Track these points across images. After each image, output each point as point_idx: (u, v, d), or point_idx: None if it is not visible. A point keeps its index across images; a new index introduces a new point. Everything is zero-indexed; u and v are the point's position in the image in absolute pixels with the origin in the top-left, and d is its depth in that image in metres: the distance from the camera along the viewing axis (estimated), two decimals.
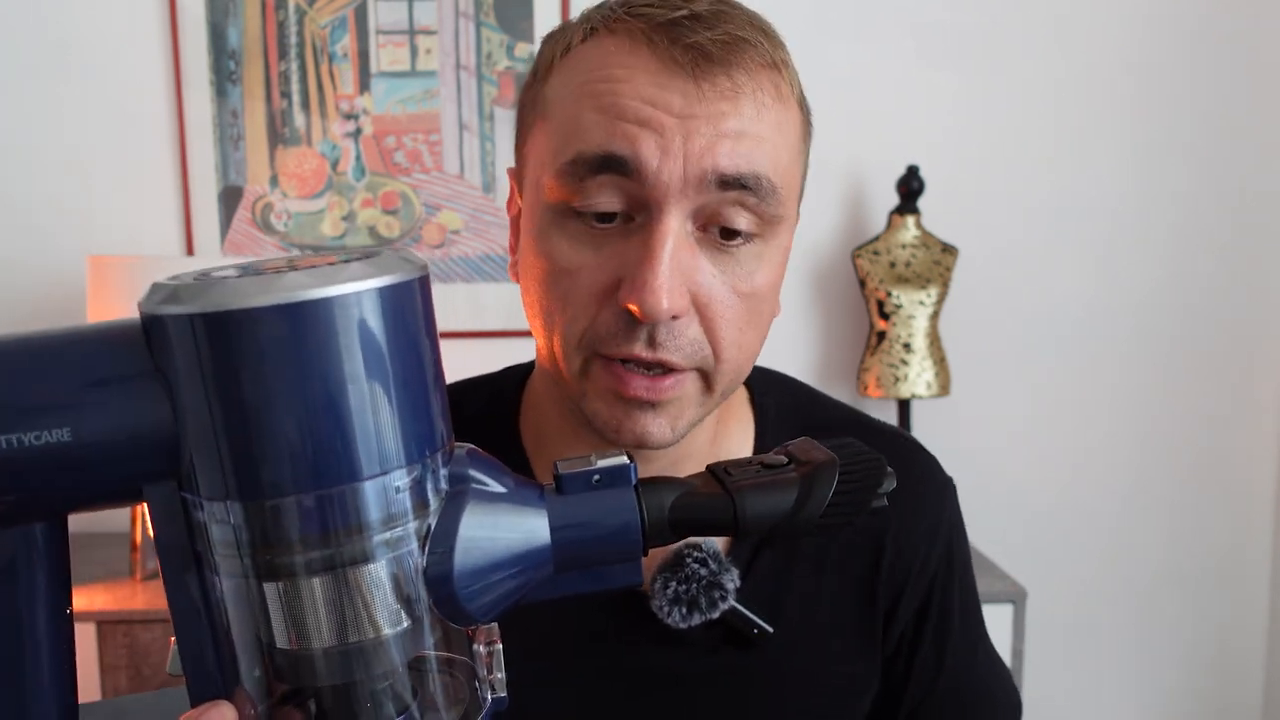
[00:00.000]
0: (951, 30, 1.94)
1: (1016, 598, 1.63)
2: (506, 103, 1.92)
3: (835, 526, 0.44)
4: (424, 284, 0.39)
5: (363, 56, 1.91)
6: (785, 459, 0.46)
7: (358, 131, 1.93)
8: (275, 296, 0.34)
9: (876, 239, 1.89)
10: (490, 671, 0.43)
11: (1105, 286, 2.01)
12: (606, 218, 0.57)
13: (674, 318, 0.56)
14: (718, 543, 0.68)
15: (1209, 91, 1.98)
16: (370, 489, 0.36)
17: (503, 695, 0.43)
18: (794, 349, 2.01)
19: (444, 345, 0.46)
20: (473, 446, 0.43)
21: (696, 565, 0.65)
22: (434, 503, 0.39)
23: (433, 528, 0.39)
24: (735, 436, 0.73)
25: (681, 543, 0.66)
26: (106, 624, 1.57)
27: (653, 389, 0.58)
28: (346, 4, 1.90)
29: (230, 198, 1.93)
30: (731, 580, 0.66)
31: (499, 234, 1.96)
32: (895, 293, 1.85)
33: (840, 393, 2.01)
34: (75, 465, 0.36)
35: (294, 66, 1.91)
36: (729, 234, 0.58)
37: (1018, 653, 1.64)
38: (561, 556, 0.42)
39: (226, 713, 0.38)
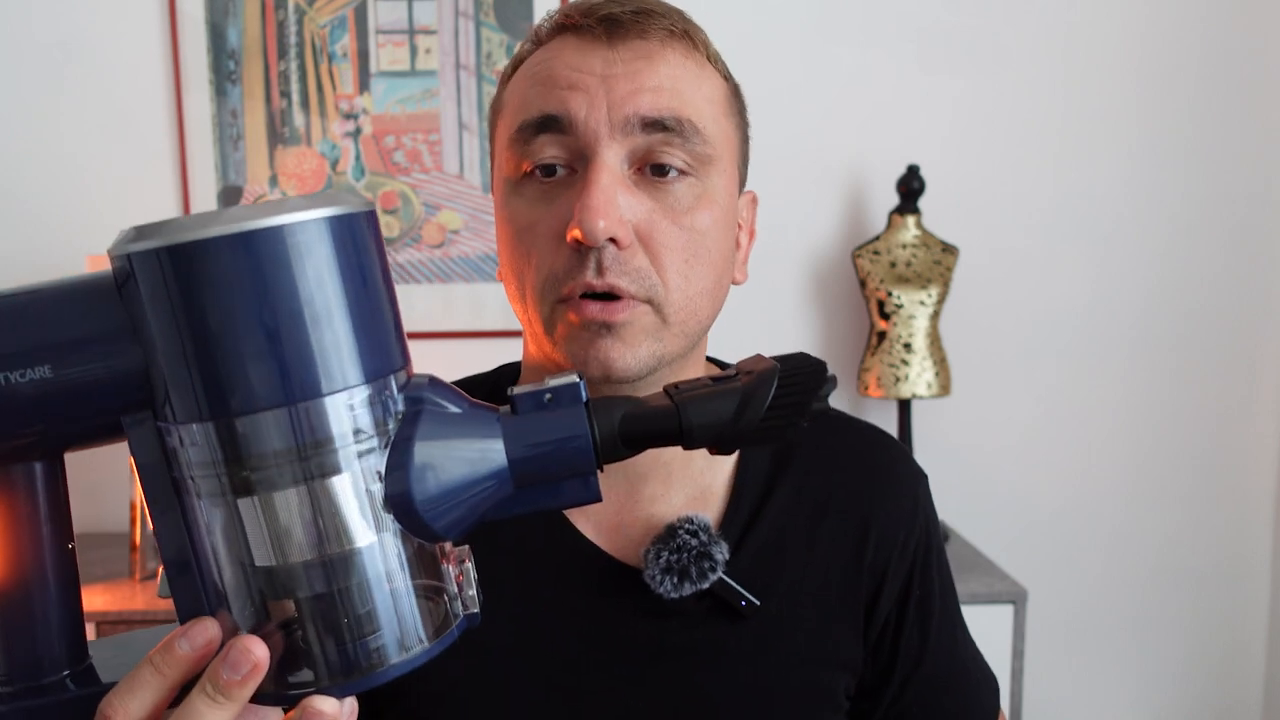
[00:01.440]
0: (952, 32, 1.94)
1: (1016, 598, 1.63)
2: None
3: (779, 430, 0.46)
4: (370, 219, 0.42)
5: (362, 56, 1.91)
6: (734, 372, 0.48)
7: (357, 131, 1.93)
8: (227, 227, 0.38)
9: (877, 239, 1.89)
10: (461, 590, 0.45)
11: (1106, 286, 2.01)
12: (551, 171, 0.64)
13: (614, 241, 0.62)
14: (709, 517, 0.71)
15: (1210, 93, 1.98)
16: (329, 405, 0.39)
17: (475, 611, 0.45)
18: (794, 349, 2.01)
19: (444, 345, 0.46)
20: (433, 375, 0.45)
21: (688, 536, 0.68)
22: (392, 423, 0.42)
23: (390, 445, 0.41)
24: None
25: (675, 517, 0.70)
26: (106, 624, 1.57)
27: (605, 310, 0.63)
28: (346, 4, 1.90)
29: (230, 197, 1.93)
30: (721, 552, 0.69)
31: None
32: (896, 293, 1.85)
33: (840, 393, 2.01)
34: (58, 400, 0.40)
35: (294, 66, 1.91)
36: (661, 171, 0.64)
37: (1018, 653, 1.63)
38: (519, 473, 0.44)
39: (210, 626, 0.41)
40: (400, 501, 0.41)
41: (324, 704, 0.40)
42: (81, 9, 1.89)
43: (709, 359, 0.81)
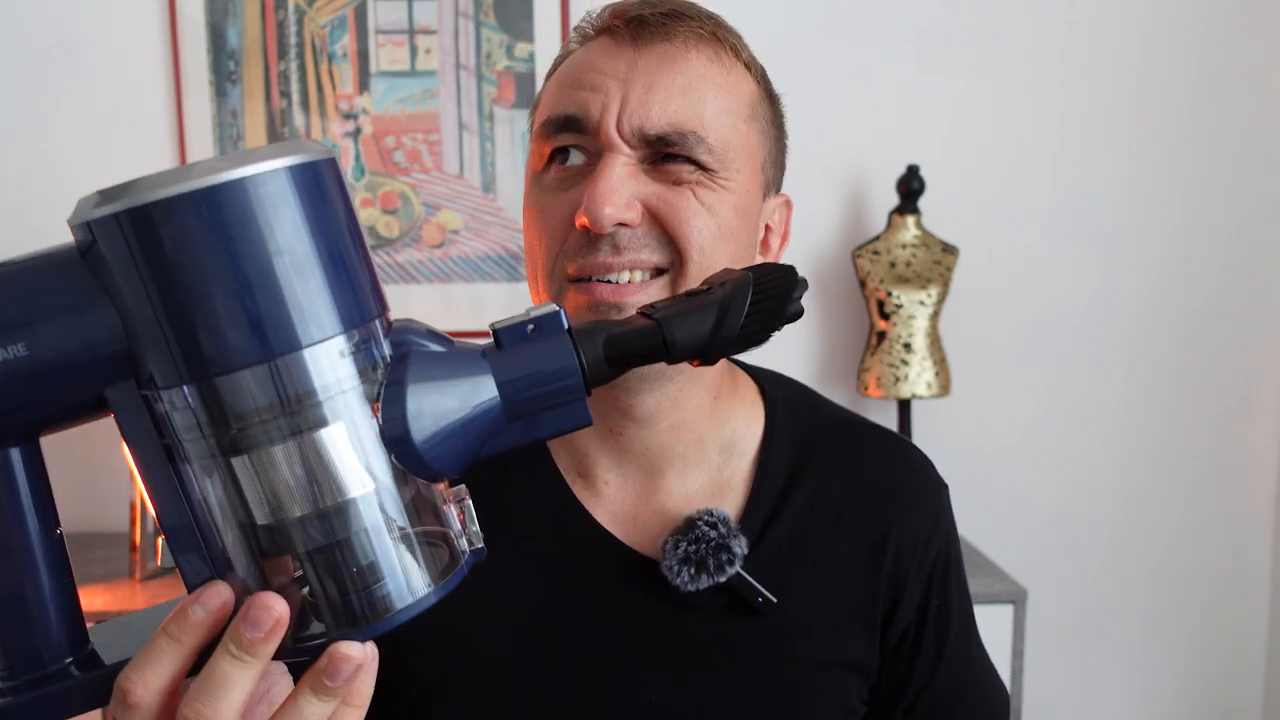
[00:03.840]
0: (952, 32, 1.94)
1: (1016, 598, 1.63)
2: (506, 102, 1.92)
3: (757, 335, 0.48)
4: (331, 166, 0.41)
5: (362, 56, 1.91)
6: (706, 287, 0.49)
7: (357, 131, 1.93)
8: (191, 183, 0.37)
9: (877, 239, 1.89)
10: (465, 526, 0.45)
11: (1106, 286, 2.01)
12: (567, 154, 0.66)
13: (622, 225, 0.63)
14: (729, 511, 0.71)
15: (1210, 93, 1.98)
16: (309, 357, 0.39)
17: (480, 546, 0.45)
18: (794, 349, 2.01)
19: None
20: (413, 319, 0.45)
21: (707, 528, 0.68)
22: (380, 369, 0.42)
23: (383, 389, 0.41)
24: (743, 420, 0.76)
25: (694, 510, 0.70)
26: None
27: (617, 292, 0.64)
28: (346, 4, 1.90)
29: None
30: (740, 546, 0.69)
31: (499, 234, 1.95)
32: (895, 293, 1.85)
33: (840, 393, 2.01)
34: (36, 378, 0.39)
35: (293, 66, 1.91)
36: (676, 178, 0.65)
37: (1018, 653, 1.63)
38: (510, 405, 0.44)
39: (222, 589, 0.41)
40: (401, 442, 0.41)
41: (350, 649, 0.40)
42: (81, 9, 1.89)
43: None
